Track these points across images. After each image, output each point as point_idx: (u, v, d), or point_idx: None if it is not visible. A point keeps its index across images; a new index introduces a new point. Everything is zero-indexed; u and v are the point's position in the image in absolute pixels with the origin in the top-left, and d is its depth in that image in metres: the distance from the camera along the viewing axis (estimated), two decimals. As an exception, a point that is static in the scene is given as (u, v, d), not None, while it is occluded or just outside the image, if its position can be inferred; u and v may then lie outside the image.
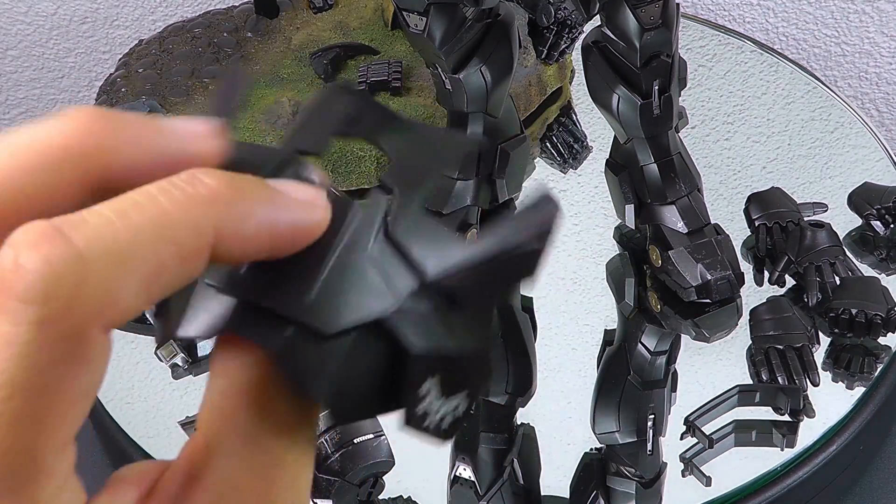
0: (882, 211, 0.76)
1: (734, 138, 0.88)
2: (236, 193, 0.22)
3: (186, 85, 0.92)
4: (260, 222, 0.22)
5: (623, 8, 0.66)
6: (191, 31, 0.98)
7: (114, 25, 1.16)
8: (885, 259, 0.75)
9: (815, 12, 1.06)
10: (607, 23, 0.68)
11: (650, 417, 0.66)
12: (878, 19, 1.04)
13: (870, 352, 0.69)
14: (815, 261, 0.72)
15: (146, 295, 0.20)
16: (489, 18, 0.70)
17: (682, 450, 0.64)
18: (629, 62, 0.67)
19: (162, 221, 0.20)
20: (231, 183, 0.22)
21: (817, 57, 1.08)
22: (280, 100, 0.87)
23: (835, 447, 0.64)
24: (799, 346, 0.68)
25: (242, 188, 0.22)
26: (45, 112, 1.20)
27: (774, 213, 0.76)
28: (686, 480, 0.63)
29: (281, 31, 0.98)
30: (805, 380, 0.67)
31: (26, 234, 0.20)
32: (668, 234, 0.70)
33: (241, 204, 0.22)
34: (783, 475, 0.63)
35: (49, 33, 1.15)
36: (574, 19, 0.68)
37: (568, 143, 0.90)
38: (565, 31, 0.70)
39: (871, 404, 0.67)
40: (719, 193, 0.82)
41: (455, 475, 0.64)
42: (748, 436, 0.65)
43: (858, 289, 0.70)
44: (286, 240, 0.22)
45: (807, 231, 0.73)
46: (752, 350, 0.69)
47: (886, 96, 1.08)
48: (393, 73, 0.87)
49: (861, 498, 0.68)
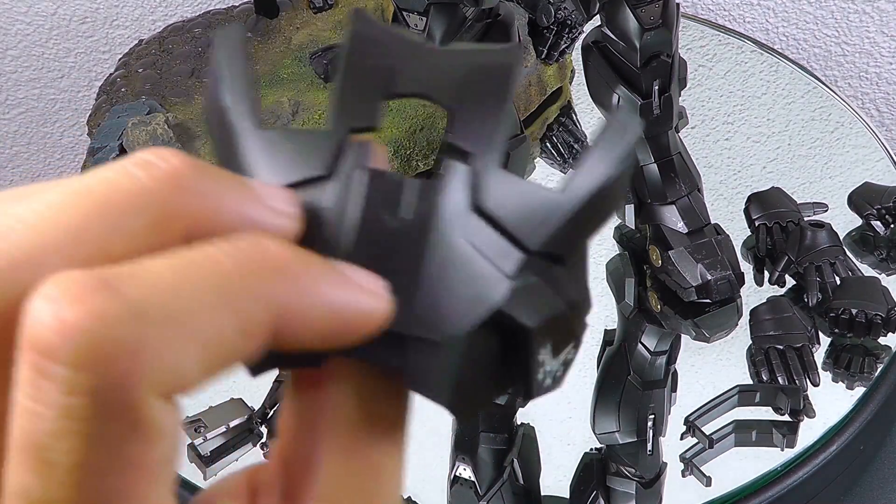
0: (882, 211, 0.76)
1: (734, 138, 0.88)
2: (304, 267, 0.19)
3: (186, 85, 0.92)
4: (326, 303, 0.19)
5: (623, 8, 0.66)
6: (191, 31, 0.98)
7: (114, 25, 1.16)
8: (885, 259, 0.75)
9: (815, 12, 1.06)
10: (607, 23, 0.68)
11: (650, 417, 0.66)
12: (878, 19, 1.04)
13: (870, 352, 0.69)
14: (815, 261, 0.72)
15: (206, 367, 0.18)
16: (489, 18, 0.70)
17: (682, 450, 0.64)
18: (629, 62, 0.67)
19: (224, 286, 0.18)
20: (298, 255, 0.20)
21: (817, 57, 1.08)
22: (280, 100, 0.87)
23: (835, 447, 0.64)
24: (799, 346, 0.68)
25: (309, 262, 0.20)
26: (45, 112, 1.20)
27: (774, 213, 0.76)
28: (686, 480, 0.63)
29: (281, 31, 0.98)
30: (805, 380, 0.67)
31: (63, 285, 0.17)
32: (668, 234, 0.70)
33: (307, 279, 0.19)
34: (783, 475, 0.63)
35: (49, 33, 1.15)
36: (574, 19, 0.68)
37: (568, 143, 0.90)
38: (565, 31, 0.70)
39: (871, 404, 0.67)
40: (719, 193, 0.82)
41: (455, 475, 0.64)
42: (748, 436, 0.65)
43: (858, 289, 0.70)
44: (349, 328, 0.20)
45: (807, 231, 0.73)
46: (752, 350, 0.69)
47: (886, 96, 1.08)
48: (393, 73, 0.87)
49: (861, 498, 0.68)
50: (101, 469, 0.17)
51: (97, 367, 0.16)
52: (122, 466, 0.17)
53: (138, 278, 0.17)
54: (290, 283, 0.19)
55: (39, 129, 1.22)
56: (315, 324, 0.20)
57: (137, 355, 0.17)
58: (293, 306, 0.19)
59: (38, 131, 1.22)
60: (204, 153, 0.84)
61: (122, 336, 0.17)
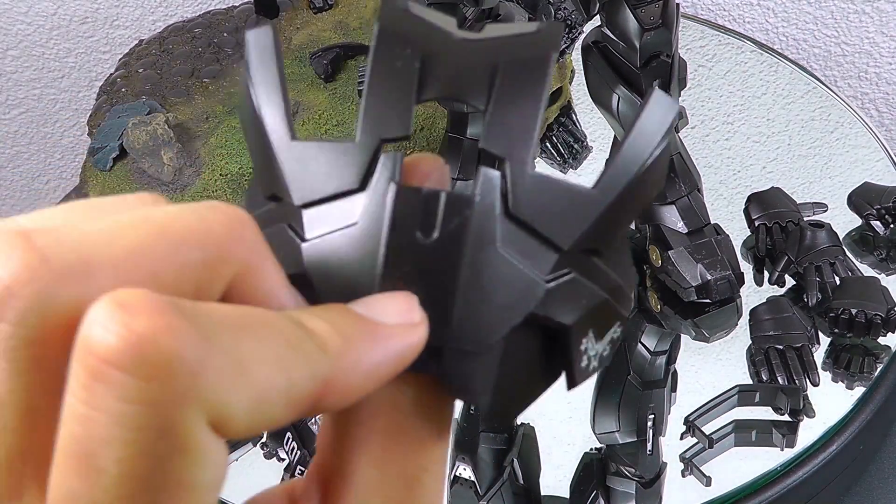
0: (882, 211, 0.76)
1: (734, 138, 0.88)
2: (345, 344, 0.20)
3: (186, 85, 0.92)
4: (366, 371, 0.20)
5: (623, 8, 0.66)
6: (191, 31, 0.98)
7: (114, 25, 1.16)
8: (885, 259, 0.75)
9: (815, 12, 1.06)
10: (607, 23, 0.68)
11: (650, 417, 0.66)
12: (878, 19, 1.04)
13: (870, 352, 0.69)
14: (814, 261, 0.72)
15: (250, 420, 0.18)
16: (489, 18, 0.70)
17: (682, 450, 0.64)
18: (629, 62, 0.67)
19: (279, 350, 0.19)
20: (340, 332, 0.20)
21: (817, 57, 1.08)
22: (280, 100, 0.87)
23: (835, 447, 0.64)
24: (799, 346, 0.68)
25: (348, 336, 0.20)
26: (46, 112, 1.20)
27: (774, 213, 0.76)
28: (686, 480, 0.63)
29: (281, 31, 0.98)
30: (805, 380, 0.67)
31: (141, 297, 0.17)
32: (667, 234, 0.70)
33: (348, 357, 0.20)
34: (783, 475, 0.63)
35: (49, 33, 1.15)
36: (574, 19, 0.68)
37: (568, 143, 0.90)
38: (565, 31, 0.70)
39: (871, 404, 0.67)
40: (719, 193, 0.82)
41: (455, 475, 0.64)
42: (748, 436, 0.65)
43: (858, 289, 0.70)
44: (390, 374, 0.21)
45: (807, 231, 0.73)
46: (752, 350, 0.69)
47: (886, 96, 1.08)
48: (393, 73, 0.87)
49: (861, 498, 0.68)
50: (149, 483, 0.17)
51: (158, 378, 0.17)
52: (171, 485, 0.17)
53: (208, 312, 0.18)
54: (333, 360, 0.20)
55: (40, 129, 1.22)
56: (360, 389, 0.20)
57: (198, 377, 0.17)
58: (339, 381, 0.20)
59: (38, 131, 1.22)
60: (204, 153, 0.84)
61: (188, 355, 0.17)
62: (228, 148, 0.84)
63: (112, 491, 0.17)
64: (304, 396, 0.19)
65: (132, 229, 0.19)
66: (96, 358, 0.17)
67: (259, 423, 0.19)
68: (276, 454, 0.64)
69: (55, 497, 0.17)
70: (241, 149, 0.84)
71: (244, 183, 0.84)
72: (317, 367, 0.19)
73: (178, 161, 0.83)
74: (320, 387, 0.19)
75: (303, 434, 0.62)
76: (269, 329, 0.19)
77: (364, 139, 0.22)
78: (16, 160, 1.23)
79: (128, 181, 0.85)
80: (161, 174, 0.83)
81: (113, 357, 0.16)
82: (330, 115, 0.86)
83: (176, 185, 0.83)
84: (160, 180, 0.84)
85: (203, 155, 0.84)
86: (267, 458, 0.64)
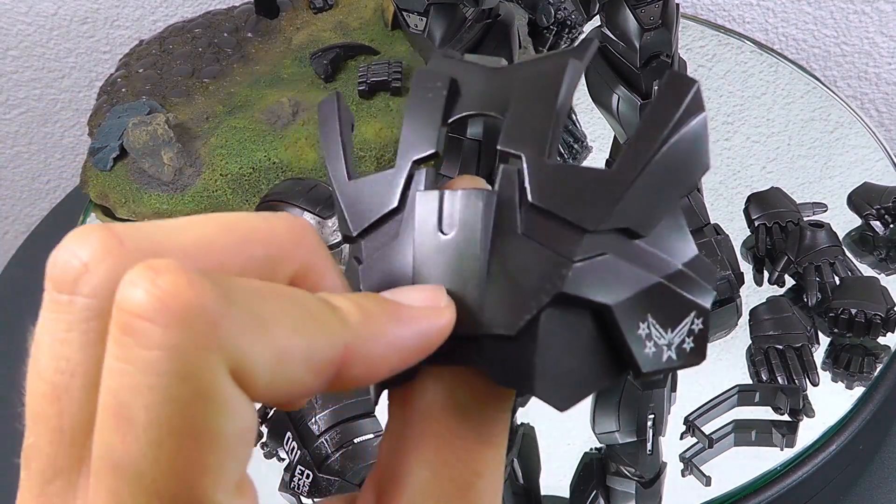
0: (882, 211, 0.76)
1: (734, 138, 0.88)
2: (366, 317, 0.21)
3: (186, 85, 0.92)
4: (388, 343, 0.21)
5: (623, 8, 0.66)
6: (191, 31, 0.98)
7: (114, 26, 1.16)
8: (885, 259, 0.75)
9: (815, 12, 1.06)
10: (607, 23, 0.68)
11: (650, 417, 0.66)
12: (878, 19, 1.04)
13: (869, 352, 0.69)
14: (814, 261, 0.72)
15: (271, 377, 0.19)
16: (489, 19, 0.70)
17: (682, 450, 0.64)
18: (629, 62, 0.67)
19: (301, 316, 0.20)
20: (362, 307, 0.21)
21: (817, 57, 1.08)
22: (280, 100, 0.87)
23: (834, 447, 0.64)
24: (799, 346, 0.68)
25: (370, 311, 0.21)
26: (46, 112, 1.20)
27: (774, 213, 0.76)
28: (686, 480, 0.63)
29: (281, 31, 0.98)
30: (805, 380, 0.67)
31: (160, 263, 0.18)
32: (667, 234, 0.70)
33: (369, 327, 0.21)
34: (783, 475, 0.63)
35: (49, 33, 1.15)
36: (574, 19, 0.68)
37: (568, 143, 0.90)
38: (565, 32, 0.70)
39: (871, 404, 0.67)
40: (719, 193, 0.82)
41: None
42: (748, 436, 0.65)
43: (858, 289, 0.70)
44: (414, 352, 0.22)
45: (806, 231, 0.73)
46: (752, 350, 0.69)
47: (886, 96, 1.08)
48: (393, 73, 0.87)
49: (861, 498, 0.68)
50: (176, 429, 0.18)
51: (178, 325, 0.18)
52: (198, 432, 0.18)
53: (231, 280, 0.19)
54: (353, 329, 0.21)
55: (40, 129, 1.22)
56: (383, 362, 0.21)
57: (217, 325, 0.18)
58: (360, 350, 0.21)
59: (38, 131, 1.22)
60: (204, 153, 0.84)
61: (208, 306, 0.18)
62: (228, 148, 0.84)
63: (142, 438, 0.18)
64: (324, 361, 0.20)
65: (202, 224, 0.21)
66: (127, 313, 0.18)
67: (281, 383, 0.19)
68: (276, 454, 0.64)
69: (96, 455, 0.18)
70: (240, 149, 0.84)
71: (244, 183, 0.84)
72: (336, 335, 0.20)
73: (178, 161, 0.83)
74: (340, 353, 0.20)
75: (303, 434, 0.62)
76: (293, 299, 0.20)
77: (400, 163, 0.24)
78: (16, 160, 1.23)
79: (128, 181, 0.85)
80: (161, 174, 0.84)
81: (139, 309, 0.18)
82: (330, 115, 0.86)
83: (176, 185, 0.83)
84: (160, 180, 0.84)
85: (203, 155, 0.84)
86: (267, 458, 0.64)
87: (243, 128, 0.86)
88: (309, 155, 0.84)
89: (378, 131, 0.85)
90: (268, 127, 0.86)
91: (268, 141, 0.85)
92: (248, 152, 0.84)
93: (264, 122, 0.86)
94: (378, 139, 0.85)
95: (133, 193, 0.84)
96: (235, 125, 0.86)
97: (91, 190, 0.87)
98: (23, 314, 0.86)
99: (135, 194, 0.84)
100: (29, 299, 1.03)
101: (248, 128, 0.86)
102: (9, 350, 0.81)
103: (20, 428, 0.20)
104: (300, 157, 0.84)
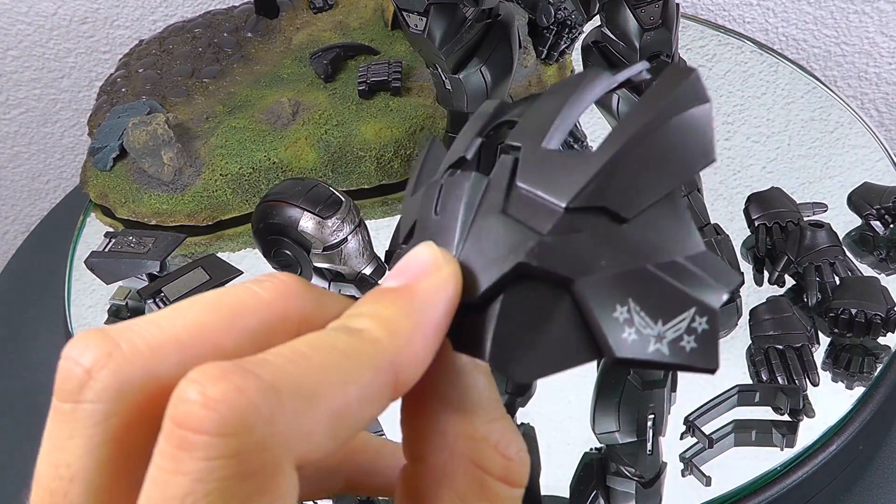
0: (882, 211, 0.76)
1: (734, 138, 0.88)
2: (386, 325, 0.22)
3: (186, 85, 0.92)
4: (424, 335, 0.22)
5: (623, 8, 0.66)
6: (191, 31, 0.98)
7: (114, 25, 1.16)
8: (885, 259, 0.75)
9: (815, 12, 1.06)
10: (607, 23, 0.68)
11: (650, 417, 0.66)
12: (878, 19, 1.04)
13: (869, 352, 0.69)
14: (814, 261, 0.72)
15: (333, 434, 0.20)
16: (489, 19, 0.70)
17: (682, 450, 0.64)
18: (629, 62, 0.67)
19: (342, 363, 0.20)
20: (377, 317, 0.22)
21: (817, 57, 1.08)
22: (280, 100, 0.87)
23: (835, 447, 0.64)
24: (799, 346, 0.68)
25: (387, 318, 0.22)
26: (46, 112, 1.20)
27: (774, 213, 0.76)
28: (686, 480, 0.63)
29: (281, 31, 0.98)
30: (805, 380, 0.67)
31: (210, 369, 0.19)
32: (667, 234, 0.70)
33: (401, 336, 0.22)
34: (783, 475, 0.63)
35: (49, 33, 1.15)
36: (574, 19, 0.68)
37: (568, 143, 0.90)
38: (565, 31, 0.70)
39: (871, 404, 0.67)
40: (719, 193, 0.82)
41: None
42: (748, 436, 0.65)
43: (858, 289, 0.70)
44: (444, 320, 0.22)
45: (806, 231, 0.73)
46: (752, 350, 0.69)
47: (886, 96, 1.08)
48: (393, 73, 0.87)
49: (861, 498, 0.68)
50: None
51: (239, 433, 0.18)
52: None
53: (269, 363, 0.20)
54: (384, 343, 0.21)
55: (40, 129, 1.22)
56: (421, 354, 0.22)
57: (273, 423, 0.19)
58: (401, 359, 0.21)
59: (38, 131, 1.22)
60: (204, 153, 0.84)
61: (260, 406, 0.19)
62: (228, 148, 0.84)
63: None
64: (380, 390, 0.21)
65: (188, 310, 0.22)
66: (181, 429, 0.19)
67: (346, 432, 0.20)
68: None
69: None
70: (240, 149, 0.84)
71: (244, 183, 0.84)
72: (378, 361, 0.21)
73: (178, 161, 0.83)
74: (391, 373, 0.21)
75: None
76: (324, 350, 0.21)
77: (438, 174, 0.26)
78: (16, 160, 1.23)
79: (128, 181, 0.85)
80: (161, 174, 0.83)
81: (195, 424, 0.18)
82: (330, 114, 0.86)
83: (176, 185, 0.83)
84: (160, 180, 0.84)
85: (203, 155, 0.84)
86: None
87: (243, 128, 0.86)
88: (309, 155, 0.84)
89: (378, 131, 0.85)
90: (268, 127, 0.86)
91: (268, 141, 0.85)
92: (248, 152, 0.84)
93: (264, 122, 0.86)
94: (378, 139, 0.85)
95: (133, 193, 0.84)
96: (235, 125, 0.86)
97: (91, 190, 0.87)
98: (23, 314, 0.86)
99: (135, 194, 0.84)
100: (29, 299, 1.04)
101: (248, 128, 0.86)
102: (9, 350, 0.81)
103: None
104: (300, 157, 0.84)
